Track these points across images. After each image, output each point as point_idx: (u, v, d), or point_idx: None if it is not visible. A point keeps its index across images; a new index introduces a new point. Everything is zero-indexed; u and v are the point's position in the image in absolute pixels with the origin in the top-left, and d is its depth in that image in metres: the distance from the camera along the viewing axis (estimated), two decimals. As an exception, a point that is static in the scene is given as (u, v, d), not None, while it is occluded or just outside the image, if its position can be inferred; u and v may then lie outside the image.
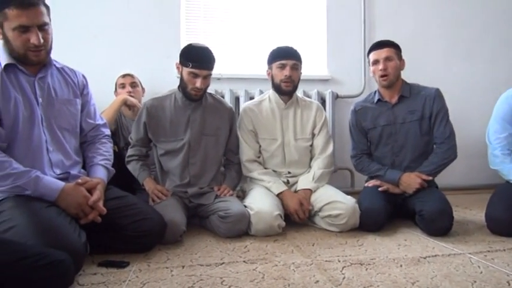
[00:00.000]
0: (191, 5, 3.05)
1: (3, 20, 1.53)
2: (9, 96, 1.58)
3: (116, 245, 1.73)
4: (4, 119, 1.56)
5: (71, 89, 1.80)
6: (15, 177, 1.51)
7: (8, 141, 1.58)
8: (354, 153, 2.45)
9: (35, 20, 1.54)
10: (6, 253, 1.15)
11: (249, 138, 2.32)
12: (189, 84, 2.08)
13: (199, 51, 2.07)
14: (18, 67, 1.62)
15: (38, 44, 1.56)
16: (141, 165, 2.20)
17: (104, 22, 2.84)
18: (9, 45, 1.57)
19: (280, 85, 2.27)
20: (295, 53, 2.29)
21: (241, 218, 1.98)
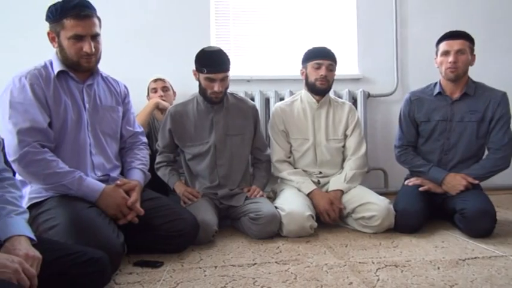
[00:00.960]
0: (220, 9, 3.08)
1: (60, 30, 1.64)
2: (60, 100, 1.68)
3: (151, 246, 1.77)
4: (54, 122, 1.66)
5: (114, 97, 1.90)
6: (61, 176, 1.59)
7: (56, 143, 1.67)
8: (399, 143, 2.36)
9: (89, 30, 1.65)
10: (48, 251, 1.20)
11: (280, 139, 2.31)
12: (208, 89, 2.10)
13: (212, 56, 2.08)
14: (69, 74, 1.72)
15: (90, 53, 1.66)
16: (170, 171, 2.24)
17: (135, 28, 2.91)
18: (64, 53, 1.68)
19: (315, 84, 2.25)
20: (332, 54, 2.28)
21: (272, 219, 1.97)
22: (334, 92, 2.94)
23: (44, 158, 1.58)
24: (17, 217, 1.23)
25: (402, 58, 3.14)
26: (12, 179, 1.35)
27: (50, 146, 1.64)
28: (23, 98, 1.61)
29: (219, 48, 2.14)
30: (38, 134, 1.60)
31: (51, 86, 1.67)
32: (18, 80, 1.63)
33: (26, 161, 1.56)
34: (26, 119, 1.58)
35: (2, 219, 1.20)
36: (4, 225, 1.19)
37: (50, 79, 1.68)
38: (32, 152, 1.56)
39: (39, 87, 1.64)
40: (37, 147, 1.58)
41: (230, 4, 3.10)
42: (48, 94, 1.65)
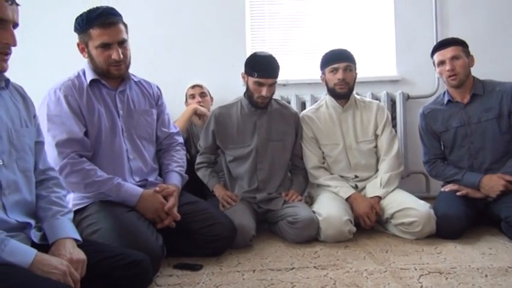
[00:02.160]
0: (256, 15, 3.11)
1: (88, 40, 1.69)
2: (93, 109, 1.73)
3: (189, 249, 1.81)
4: (89, 131, 1.71)
5: (147, 100, 1.93)
6: (100, 185, 1.64)
7: (93, 151, 1.73)
8: (426, 158, 2.32)
9: (115, 38, 1.68)
10: (93, 253, 1.25)
11: (311, 146, 2.30)
12: (255, 93, 2.12)
13: (263, 60, 2.10)
14: (101, 82, 1.77)
15: (118, 59, 1.70)
16: (210, 172, 2.27)
17: (174, 36, 2.98)
18: (93, 62, 1.73)
19: (334, 89, 2.24)
20: (347, 54, 2.24)
21: (309, 223, 1.96)
22: (372, 94, 2.89)
23: (82, 168, 1.64)
24: (63, 218, 1.29)
25: (443, 58, 3.03)
26: (57, 178, 1.40)
27: (87, 155, 1.70)
28: (59, 111, 1.67)
29: (270, 54, 2.15)
30: (75, 145, 1.66)
31: (84, 96, 1.72)
32: (53, 92, 1.70)
33: (66, 172, 1.62)
34: (63, 131, 1.65)
35: (49, 221, 1.26)
36: (51, 227, 1.25)
37: (83, 89, 1.74)
38: (71, 163, 1.63)
39: (73, 98, 1.70)
40: (75, 157, 1.64)
41: (266, 9, 3.12)
42: (82, 104, 1.71)
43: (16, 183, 1.22)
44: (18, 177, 1.22)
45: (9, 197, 1.19)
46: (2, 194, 1.17)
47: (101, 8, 1.68)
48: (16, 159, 1.22)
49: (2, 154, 1.18)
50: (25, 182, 1.25)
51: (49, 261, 1.11)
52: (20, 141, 1.25)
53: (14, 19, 1.15)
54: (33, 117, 1.34)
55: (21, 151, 1.24)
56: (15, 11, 1.16)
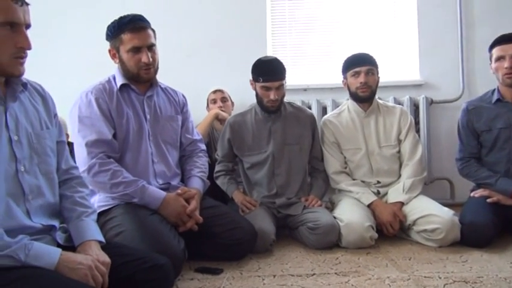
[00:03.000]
0: (277, 20, 3.11)
1: (119, 45, 1.77)
2: (122, 112, 1.79)
3: (210, 253, 1.82)
4: (118, 133, 1.78)
5: (173, 107, 1.98)
6: (125, 186, 1.69)
7: (120, 153, 1.78)
8: (460, 155, 2.25)
9: (145, 42, 1.76)
10: (116, 255, 1.27)
11: (333, 150, 2.28)
12: (264, 98, 2.14)
13: (267, 65, 2.12)
14: (130, 87, 1.84)
15: (148, 62, 1.76)
16: (228, 179, 2.28)
17: (195, 42, 3.01)
18: (124, 66, 1.80)
19: (356, 93, 2.22)
20: (369, 58, 2.23)
21: (330, 229, 1.94)
22: (394, 99, 2.85)
23: (110, 168, 1.69)
24: (87, 219, 1.31)
25: (468, 61, 2.96)
26: (80, 178, 1.43)
27: (115, 157, 1.75)
28: (89, 112, 1.74)
29: (274, 57, 2.18)
30: (104, 146, 1.71)
31: (114, 99, 1.79)
32: (85, 95, 1.77)
33: (94, 171, 1.68)
34: (93, 132, 1.71)
35: (74, 223, 1.28)
36: (76, 229, 1.27)
37: (113, 93, 1.81)
38: (99, 162, 1.68)
39: (103, 101, 1.76)
40: (104, 158, 1.70)
41: (286, 14, 3.12)
42: (112, 107, 1.77)
43: (39, 187, 1.23)
44: (40, 181, 1.23)
45: (33, 202, 1.20)
46: (26, 200, 1.18)
47: (130, 15, 1.77)
48: (37, 163, 1.23)
49: (23, 160, 1.18)
50: (48, 184, 1.27)
51: (74, 258, 1.13)
52: (41, 144, 1.25)
53: (26, 21, 1.12)
54: (53, 117, 1.34)
55: (42, 154, 1.25)
56: (26, 11, 1.13)
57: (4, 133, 1.15)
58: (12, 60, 1.12)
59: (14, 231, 1.11)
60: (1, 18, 1.07)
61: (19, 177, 1.17)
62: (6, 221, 1.12)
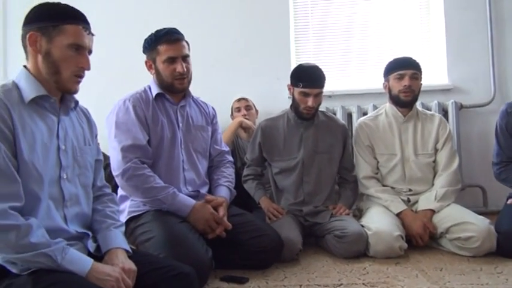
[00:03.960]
0: (300, 27, 3.12)
1: (156, 56, 1.85)
2: (157, 120, 1.86)
3: (236, 261, 1.81)
4: (152, 140, 1.83)
5: (204, 118, 2.04)
6: (157, 191, 1.73)
7: (154, 159, 1.83)
8: (498, 159, 2.16)
9: (179, 52, 1.83)
10: (142, 263, 1.29)
11: (366, 154, 2.24)
12: (301, 104, 2.12)
13: (308, 71, 2.11)
14: (165, 96, 1.90)
15: (182, 72, 1.83)
16: (256, 184, 2.28)
17: (219, 51, 3.04)
18: (160, 76, 1.87)
19: (398, 96, 2.17)
20: (414, 62, 2.19)
21: (358, 238, 1.91)
22: (422, 104, 2.78)
23: (143, 173, 1.74)
24: (116, 230, 1.36)
25: (500, 63, 2.88)
26: (111, 195, 1.50)
27: (148, 162, 1.80)
28: (126, 119, 1.81)
29: (315, 64, 2.17)
30: (138, 151, 1.77)
31: (150, 108, 1.86)
32: (122, 102, 1.85)
33: (128, 175, 1.73)
34: (129, 137, 1.77)
35: (103, 232, 1.34)
36: (104, 238, 1.32)
37: (149, 101, 1.88)
38: (133, 167, 1.73)
39: (140, 109, 1.83)
40: (138, 163, 1.75)
41: (310, 21, 3.12)
42: (148, 114, 1.84)
43: (77, 196, 1.31)
44: (79, 191, 1.32)
45: (70, 209, 1.27)
46: (64, 206, 1.26)
47: (166, 28, 1.86)
48: (78, 174, 1.32)
49: (66, 168, 1.27)
50: (84, 196, 1.34)
51: (103, 269, 1.17)
52: (83, 158, 1.35)
53: (89, 46, 1.30)
54: (95, 137, 1.46)
55: (83, 167, 1.34)
56: (91, 39, 1.31)
57: (54, 141, 1.26)
58: (72, 78, 1.26)
59: (51, 233, 1.17)
60: (70, 40, 1.24)
61: (61, 184, 1.26)
62: (46, 221, 1.18)
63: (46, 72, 1.24)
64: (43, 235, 1.12)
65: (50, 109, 1.27)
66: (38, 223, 1.13)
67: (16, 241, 1.06)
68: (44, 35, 1.22)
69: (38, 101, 1.23)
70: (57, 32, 1.22)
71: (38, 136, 1.21)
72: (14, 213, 1.08)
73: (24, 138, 1.17)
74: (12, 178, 1.12)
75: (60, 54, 1.23)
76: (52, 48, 1.22)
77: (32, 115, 1.21)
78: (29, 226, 1.09)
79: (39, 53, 1.23)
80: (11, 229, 1.06)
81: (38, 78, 1.25)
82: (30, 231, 1.09)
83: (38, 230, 1.11)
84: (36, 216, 1.16)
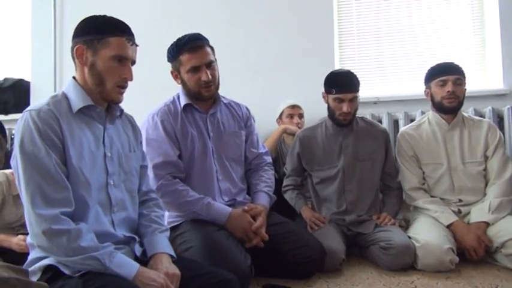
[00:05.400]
0: (344, 32, 3.07)
1: (179, 66, 1.83)
2: (187, 132, 1.85)
3: (277, 270, 1.79)
4: (183, 153, 1.84)
5: (236, 122, 2.00)
6: (192, 204, 1.75)
7: (186, 172, 1.84)
8: None
9: (203, 60, 1.80)
10: (186, 269, 1.31)
11: (411, 165, 2.15)
12: (336, 111, 2.08)
13: (341, 76, 2.08)
14: (194, 106, 1.89)
15: (208, 80, 1.80)
16: (297, 194, 2.25)
17: (262, 58, 3.04)
18: (186, 86, 1.86)
19: (442, 103, 2.08)
20: (457, 67, 2.09)
21: (405, 250, 1.83)
22: (475, 110, 2.64)
23: (176, 189, 1.75)
24: (161, 234, 1.39)
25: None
26: (157, 200, 1.53)
27: (181, 177, 1.81)
28: (156, 135, 1.81)
29: (348, 69, 2.14)
30: (170, 167, 1.78)
31: (178, 120, 1.85)
32: (151, 118, 1.86)
33: (161, 192, 1.74)
34: (160, 154, 1.78)
35: (149, 237, 1.37)
36: (150, 242, 1.36)
37: (177, 113, 1.86)
38: (166, 184, 1.75)
39: (168, 123, 1.83)
40: (170, 179, 1.76)
41: (354, 27, 3.06)
42: (177, 128, 1.83)
43: (123, 201, 1.35)
44: (125, 197, 1.36)
45: (117, 214, 1.32)
46: (112, 211, 1.31)
47: (188, 35, 1.82)
48: (124, 180, 1.36)
49: (113, 175, 1.32)
50: (131, 201, 1.38)
51: (149, 274, 1.20)
52: (128, 164, 1.39)
53: (132, 57, 1.32)
54: (139, 144, 1.50)
55: (128, 173, 1.38)
56: (134, 50, 1.33)
57: (101, 148, 1.31)
58: (115, 88, 1.30)
59: (100, 237, 1.22)
60: (113, 52, 1.27)
61: (108, 190, 1.30)
62: (95, 226, 1.24)
63: (92, 83, 1.28)
64: (92, 239, 1.16)
65: (96, 118, 1.32)
66: (87, 228, 1.18)
67: (67, 245, 1.12)
68: (90, 48, 1.27)
69: (85, 110, 1.29)
70: (102, 45, 1.26)
71: (86, 144, 1.26)
72: (65, 218, 1.14)
73: (72, 145, 1.22)
74: (63, 185, 1.17)
75: (104, 66, 1.27)
76: (97, 61, 1.27)
77: (79, 124, 1.27)
78: (79, 231, 1.14)
79: (85, 65, 1.28)
80: (62, 233, 1.12)
81: (85, 89, 1.30)
82: (80, 235, 1.14)
83: (88, 235, 1.16)
84: (86, 221, 1.21)
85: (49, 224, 1.12)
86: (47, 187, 1.15)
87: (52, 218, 1.12)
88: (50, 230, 1.11)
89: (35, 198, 1.14)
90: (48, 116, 1.20)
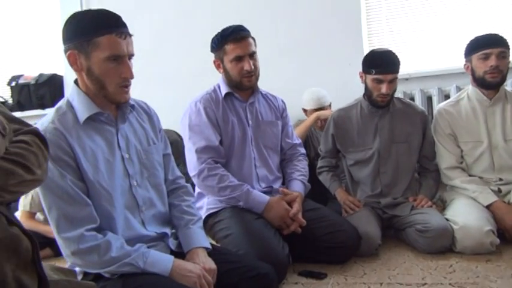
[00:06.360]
0: (371, 6, 2.95)
1: (223, 55, 1.87)
2: (228, 120, 1.90)
3: (312, 255, 1.81)
4: (224, 139, 1.89)
5: (273, 112, 2.04)
6: (232, 189, 1.78)
7: (226, 158, 1.89)
8: None
9: (246, 50, 1.84)
10: (222, 262, 1.34)
11: (448, 143, 2.08)
12: (374, 91, 2.02)
13: (381, 56, 2.00)
14: (234, 95, 1.94)
15: (250, 70, 1.84)
16: (331, 176, 2.24)
17: (289, 40, 2.99)
18: (228, 75, 1.89)
19: (484, 77, 1.96)
20: (501, 39, 1.96)
21: (442, 232, 1.80)
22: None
23: (217, 173, 1.79)
24: (194, 227, 1.40)
25: None
26: (185, 187, 1.52)
27: (221, 162, 1.85)
28: (198, 121, 1.86)
29: (388, 49, 2.08)
30: (211, 151, 1.83)
31: (220, 108, 1.90)
32: (194, 105, 1.91)
33: (203, 175, 1.79)
34: (202, 139, 1.83)
35: (182, 230, 1.39)
36: (184, 237, 1.38)
37: (219, 101, 1.91)
38: (208, 167, 1.79)
39: (210, 110, 1.88)
40: (212, 163, 1.81)
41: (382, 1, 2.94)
42: (218, 115, 1.88)
43: (150, 199, 1.36)
44: (151, 194, 1.36)
45: (146, 213, 1.34)
46: (140, 211, 1.32)
47: (232, 27, 1.86)
48: (147, 177, 1.36)
49: (135, 176, 1.32)
50: (158, 196, 1.39)
51: (185, 266, 1.24)
52: (149, 159, 1.37)
53: (129, 52, 1.22)
54: (158, 132, 1.46)
55: (151, 168, 1.37)
56: (130, 43, 1.23)
57: (117, 153, 1.29)
58: (118, 89, 1.24)
59: (133, 240, 1.25)
60: (106, 53, 1.18)
61: (133, 191, 1.31)
62: (126, 232, 1.26)
63: (93, 88, 1.23)
64: (122, 246, 1.19)
65: (106, 121, 1.28)
66: (115, 236, 1.20)
67: (99, 259, 1.15)
68: (81, 52, 1.19)
69: (93, 117, 1.24)
70: (92, 47, 1.17)
71: (99, 154, 1.23)
72: (91, 235, 1.16)
73: (86, 160, 1.20)
74: (83, 202, 1.18)
75: (100, 69, 1.19)
76: (92, 65, 1.19)
77: (89, 133, 1.23)
78: (108, 242, 1.17)
79: (82, 71, 1.22)
80: (92, 250, 1.15)
81: (89, 94, 1.25)
82: (110, 246, 1.16)
83: (117, 243, 1.18)
84: (116, 230, 1.23)
85: (77, 245, 1.14)
86: (68, 208, 1.15)
87: (78, 238, 1.14)
88: (79, 250, 1.14)
89: (59, 222, 1.15)
90: (56, 137, 1.17)
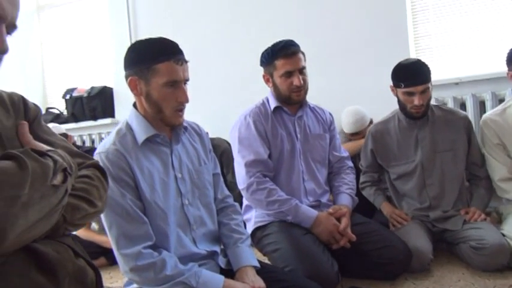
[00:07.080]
0: (418, 8, 2.86)
1: (273, 70, 1.89)
2: (276, 133, 1.92)
3: (361, 271, 1.79)
4: (272, 153, 1.91)
5: (321, 126, 2.04)
6: (280, 204, 1.80)
7: (275, 171, 1.90)
8: None
9: (296, 66, 1.85)
10: (271, 280, 1.35)
11: (498, 154, 1.98)
12: (407, 104, 1.97)
13: (408, 68, 1.95)
14: (283, 109, 1.95)
15: (299, 85, 1.85)
16: (375, 190, 2.19)
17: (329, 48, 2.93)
18: (277, 90, 1.92)
19: None
20: None
21: (499, 250, 1.71)
22: None
23: (266, 187, 1.81)
24: (242, 245, 1.44)
25: None
26: (234, 206, 1.57)
27: (270, 175, 1.87)
28: (248, 134, 1.89)
29: (416, 59, 2.03)
30: (260, 165, 1.85)
31: (269, 121, 1.92)
32: (244, 118, 1.94)
33: (252, 189, 1.82)
34: (251, 152, 1.85)
35: (231, 249, 1.43)
36: (233, 255, 1.41)
37: (268, 115, 1.94)
38: (257, 181, 1.82)
39: (260, 123, 1.90)
40: (260, 177, 1.83)
41: (429, 2, 2.83)
42: (267, 128, 1.90)
43: (201, 217, 1.40)
44: (202, 212, 1.41)
45: (197, 231, 1.38)
46: (191, 230, 1.37)
47: (283, 41, 1.87)
48: (198, 196, 1.41)
49: (187, 194, 1.37)
50: (208, 214, 1.44)
51: (235, 285, 1.27)
52: (200, 178, 1.43)
53: (184, 77, 1.30)
54: (209, 152, 1.52)
55: (202, 188, 1.43)
56: (186, 69, 1.31)
57: (171, 172, 1.36)
58: (174, 113, 1.31)
59: (185, 258, 1.30)
60: (164, 79, 1.27)
61: (185, 210, 1.36)
62: (178, 250, 1.31)
63: (151, 111, 1.31)
64: (176, 265, 1.23)
65: (162, 142, 1.35)
66: (169, 255, 1.25)
67: (155, 276, 1.20)
68: (141, 78, 1.28)
69: (150, 138, 1.32)
70: (152, 74, 1.26)
71: (156, 174, 1.31)
72: (147, 252, 1.22)
73: (143, 180, 1.28)
74: (141, 221, 1.25)
75: (158, 94, 1.27)
76: (151, 90, 1.28)
77: (146, 154, 1.32)
78: (163, 260, 1.22)
79: (141, 95, 1.30)
80: (149, 267, 1.20)
81: (147, 118, 1.33)
82: (165, 264, 1.21)
83: (171, 261, 1.23)
84: (169, 247, 1.28)
85: (134, 261, 1.19)
86: (127, 226, 1.22)
87: (136, 255, 1.20)
88: (136, 267, 1.20)
89: (119, 239, 1.22)
90: (117, 158, 1.25)
